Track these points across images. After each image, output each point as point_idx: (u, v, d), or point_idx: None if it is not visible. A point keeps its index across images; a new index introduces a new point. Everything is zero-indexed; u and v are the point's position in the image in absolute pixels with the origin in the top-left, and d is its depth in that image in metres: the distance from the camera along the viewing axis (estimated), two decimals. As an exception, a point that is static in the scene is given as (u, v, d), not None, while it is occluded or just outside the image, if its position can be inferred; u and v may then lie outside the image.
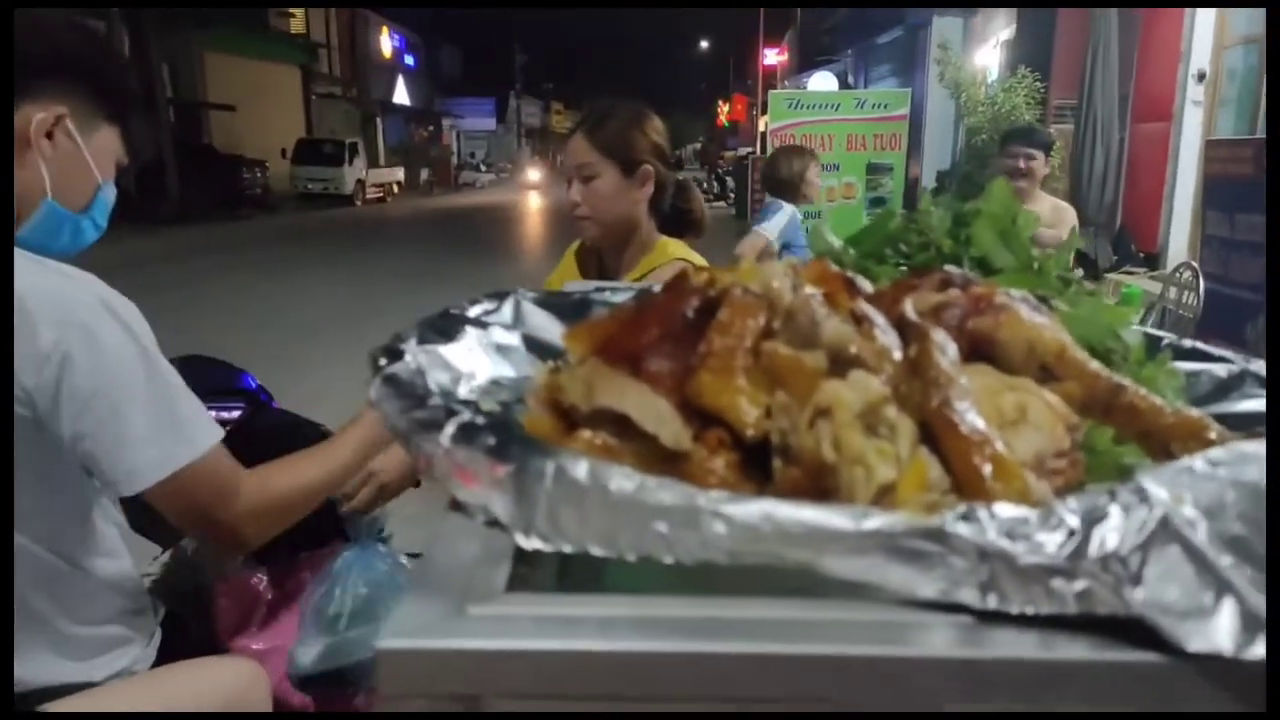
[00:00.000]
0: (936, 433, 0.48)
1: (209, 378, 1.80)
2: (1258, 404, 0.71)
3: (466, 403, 0.71)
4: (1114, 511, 0.41)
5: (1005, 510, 0.42)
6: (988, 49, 13.54)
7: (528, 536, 0.47)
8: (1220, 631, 0.39)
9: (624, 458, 0.53)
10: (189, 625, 1.44)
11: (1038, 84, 10.46)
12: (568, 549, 0.46)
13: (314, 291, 9.45)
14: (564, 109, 61.94)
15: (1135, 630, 0.40)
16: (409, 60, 39.24)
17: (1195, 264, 5.66)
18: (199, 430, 1.14)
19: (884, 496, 0.46)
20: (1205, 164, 6.37)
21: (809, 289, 0.57)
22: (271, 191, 21.93)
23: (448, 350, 0.76)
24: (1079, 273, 0.92)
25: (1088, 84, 9.01)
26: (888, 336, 0.53)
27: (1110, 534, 0.40)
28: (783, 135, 10.74)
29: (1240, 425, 0.61)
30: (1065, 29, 11.30)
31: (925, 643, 0.41)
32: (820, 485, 0.47)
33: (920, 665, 0.40)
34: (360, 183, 25.59)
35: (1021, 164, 3.72)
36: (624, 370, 0.53)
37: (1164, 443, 0.55)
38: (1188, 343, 0.83)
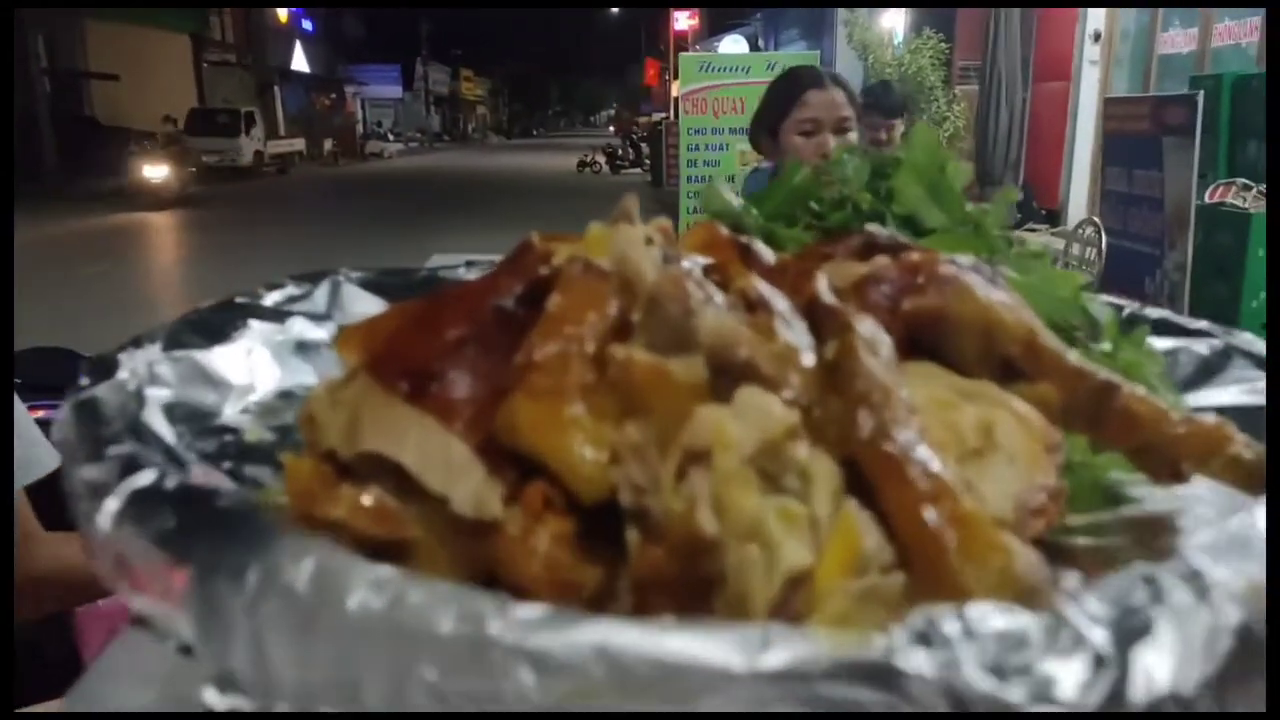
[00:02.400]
0: (871, 477, 0.32)
1: (61, 371, 1.60)
2: (1251, 393, 0.56)
3: (225, 430, 0.52)
4: (1160, 617, 0.25)
5: (986, 618, 0.26)
6: (893, 12, 13.55)
7: (222, 691, 0.29)
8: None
9: (405, 528, 0.35)
10: (46, 651, 1.24)
11: (943, 45, 10.52)
12: (284, 707, 0.28)
13: (210, 272, 8.89)
14: (473, 76, 60.29)
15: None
16: (307, 25, 37.53)
17: (1097, 219, 5.74)
18: None
19: (795, 590, 0.29)
20: (1105, 121, 6.46)
21: (686, 261, 0.39)
22: (162, 165, 20.83)
23: (214, 355, 0.56)
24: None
25: (991, 45, 9.12)
26: (793, 330, 0.36)
27: (1160, 659, 0.24)
28: (695, 99, 10.60)
29: (1243, 423, 0.47)
30: (968, -10, 11.39)
31: None
32: (695, 572, 0.30)
33: None
34: (259, 154, 24.48)
35: (882, 134, 3.57)
36: (402, 393, 0.35)
37: (1171, 460, 0.40)
38: (1153, 311, 0.69)
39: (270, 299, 0.66)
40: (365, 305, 0.72)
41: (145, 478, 0.33)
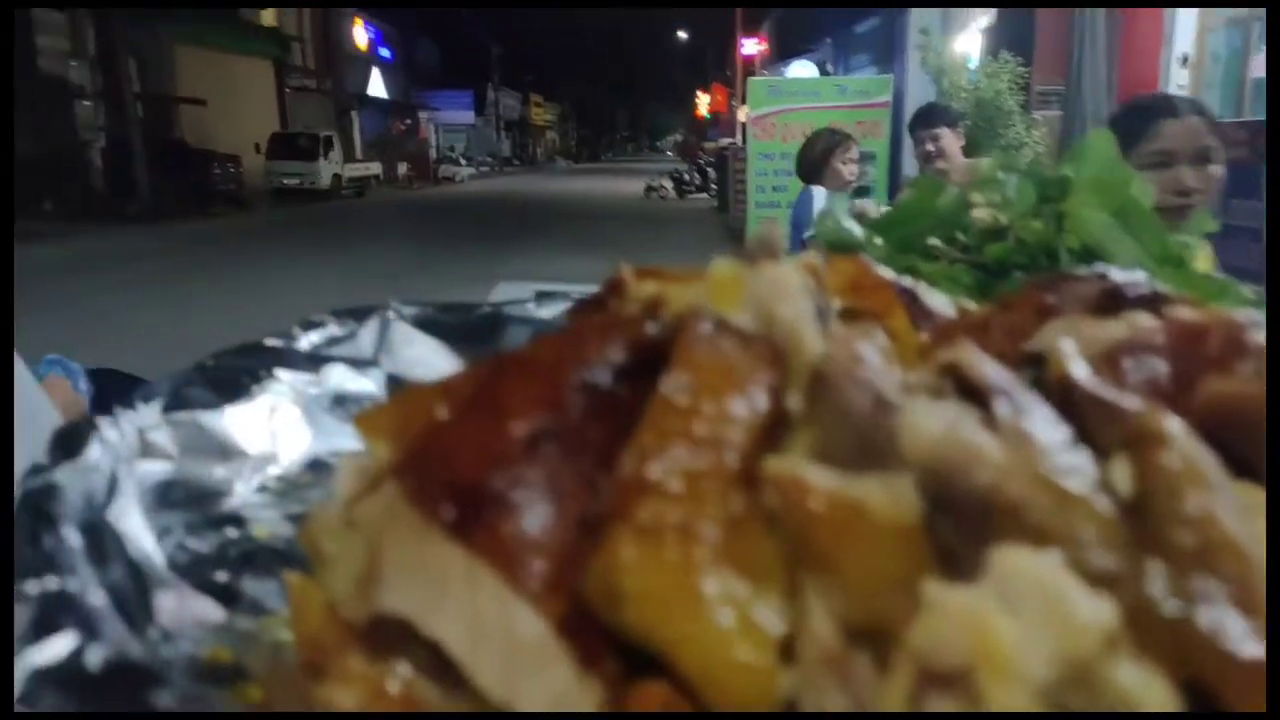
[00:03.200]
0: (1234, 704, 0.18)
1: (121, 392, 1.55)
2: None
3: (229, 520, 0.41)
4: None
5: None
6: (969, 35, 13.25)
7: None
8: None
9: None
10: None
11: (1021, 69, 10.22)
12: None
13: (287, 293, 9.03)
14: (543, 101, 61.14)
15: None
16: (384, 53, 38.58)
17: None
18: None
19: None
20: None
21: (859, 328, 0.26)
22: (245, 187, 21.56)
23: (228, 416, 0.45)
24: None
25: (1075, 69, 8.82)
26: (1055, 441, 0.22)
27: None
28: (764, 124, 10.53)
29: None
30: (1047, 13, 11.11)
31: None
32: None
33: None
34: (337, 177, 25.16)
35: (929, 146, 3.43)
36: (445, 522, 0.23)
37: None
38: None
39: (305, 341, 0.55)
40: (420, 348, 0.61)
41: (57, 647, 0.22)
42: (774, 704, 0.19)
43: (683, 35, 55.60)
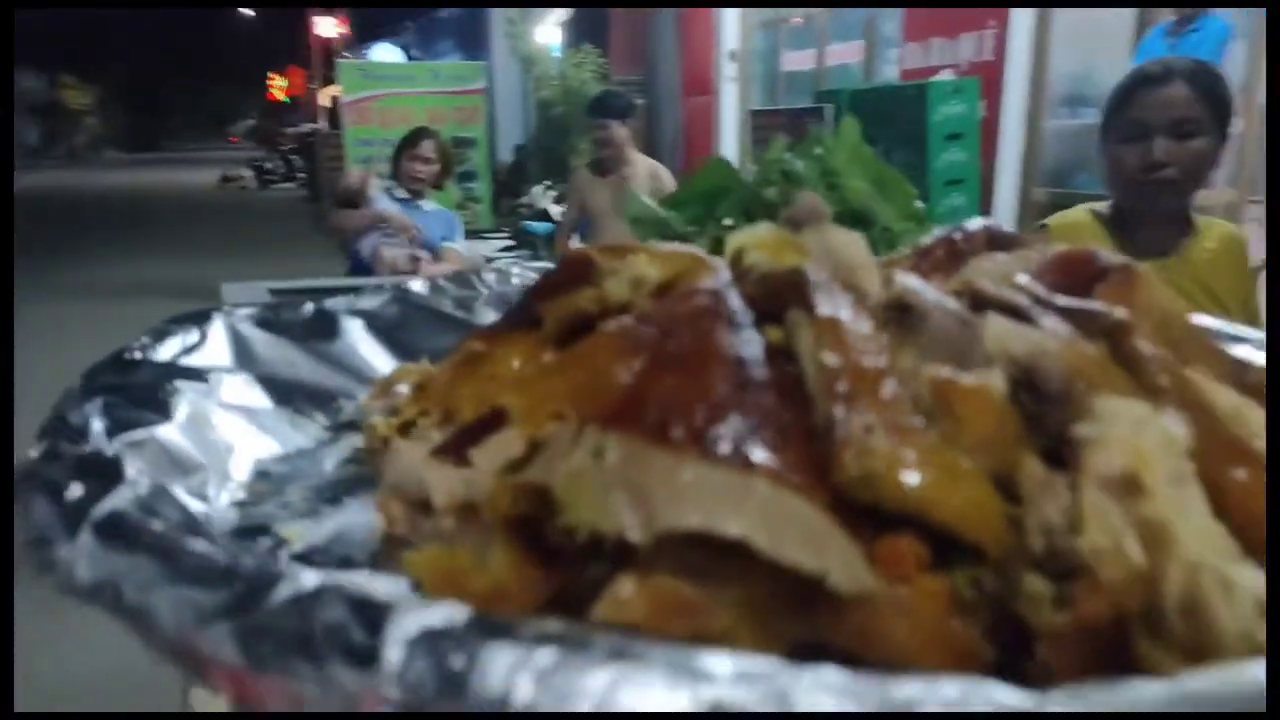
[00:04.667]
0: (1219, 480, 0.30)
1: None
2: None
3: (259, 532, 0.38)
4: None
5: None
6: (546, 27, 13.92)
7: None
8: None
9: (711, 619, 0.27)
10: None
11: (601, 59, 11.04)
12: None
13: None
14: (79, 83, 52.59)
15: None
16: None
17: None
18: None
19: (1261, 617, 0.26)
20: (753, 130, 7.17)
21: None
22: None
23: (165, 433, 0.41)
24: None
25: (652, 60, 9.72)
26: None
27: None
28: (360, 109, 10.17)
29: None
30: (618, 10, 12.05)
31: None
32: (1123, 622, 0.26)
33: None
34: None
35: (597, 134, 3.77)
36: (696, 453, 0.27)
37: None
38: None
39: (164, 350, 0.50)
40: (271, 349, 0.58)
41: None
42: (1001, 529, 0.27)
43: (247, 12, 51.05)
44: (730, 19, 10.57)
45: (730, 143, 10.60)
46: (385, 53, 18.73)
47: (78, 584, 0.28)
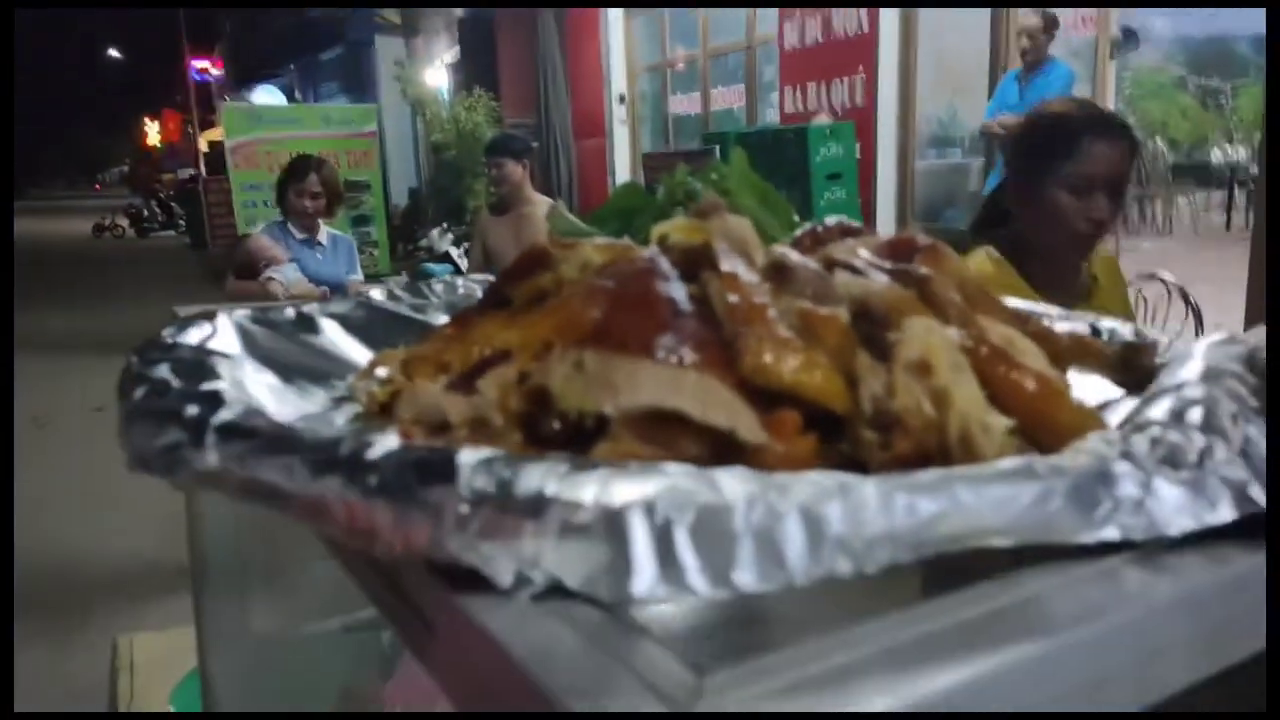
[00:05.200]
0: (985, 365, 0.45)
1: None
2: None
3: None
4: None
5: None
6: (435, 70, 14.00)
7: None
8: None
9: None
10: None
11: (494, 103, 11.18)
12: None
13: None
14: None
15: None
16: None
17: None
18: None
19: (1004, 449, 0.41)
20: (646, 172, 7.43)
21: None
22: None
23: (223, 388, 0.51)
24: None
25: (543, 103, 9.91)
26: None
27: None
28: (246, 152, 9.97)
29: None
30: (507, 53, 12.21)
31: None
32: (924, 455, 0.41)
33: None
34: None
35: (493, 172, 4.06)
36: (654, 355, 0.41)
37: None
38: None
39: (191, 335, 0.61)
40: (268, 340, 0.69)
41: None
42: (845, 399, 0.41)
43: (115, 54, 49.07)
44: (617, 62, 10.88)
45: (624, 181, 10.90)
46: (265, 95, 18.35)
47: (210, 471, 0.39)
